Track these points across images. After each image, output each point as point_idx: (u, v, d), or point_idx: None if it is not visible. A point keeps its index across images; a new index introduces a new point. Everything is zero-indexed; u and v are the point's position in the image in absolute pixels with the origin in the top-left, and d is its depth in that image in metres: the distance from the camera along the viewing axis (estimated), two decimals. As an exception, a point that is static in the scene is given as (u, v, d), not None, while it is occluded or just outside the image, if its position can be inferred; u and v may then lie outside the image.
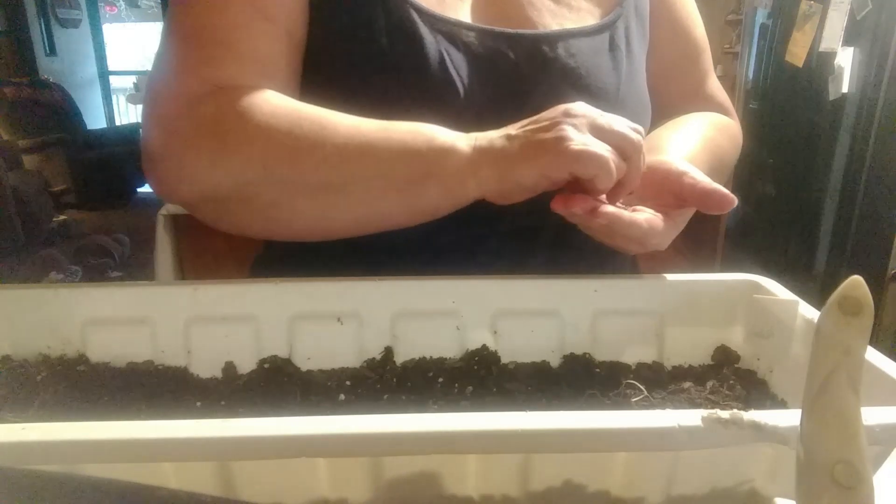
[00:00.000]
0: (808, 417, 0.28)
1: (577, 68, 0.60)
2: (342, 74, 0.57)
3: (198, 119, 0.52)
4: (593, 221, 0.48)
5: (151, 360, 0.53)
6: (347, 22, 0.56)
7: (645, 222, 0.50)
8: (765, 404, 0.50)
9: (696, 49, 0.74)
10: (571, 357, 0.55)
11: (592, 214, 0.48)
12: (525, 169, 0.48)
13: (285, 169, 0.50)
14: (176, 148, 0.53)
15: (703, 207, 0.51)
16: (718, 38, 3.74)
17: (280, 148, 0.50)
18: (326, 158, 0.50)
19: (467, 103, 0.57)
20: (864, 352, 0.27)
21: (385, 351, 0.54)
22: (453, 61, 0.57)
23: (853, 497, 0.26)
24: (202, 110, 0.52)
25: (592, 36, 0.62)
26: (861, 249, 1.96)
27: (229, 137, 0.51)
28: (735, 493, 0.38)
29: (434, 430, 0.32)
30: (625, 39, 0.65)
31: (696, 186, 0.51)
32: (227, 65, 0.53)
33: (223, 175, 0.51)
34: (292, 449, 0.32)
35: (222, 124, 0.51)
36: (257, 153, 0.50)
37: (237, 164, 0.51)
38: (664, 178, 0.53)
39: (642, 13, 0.68)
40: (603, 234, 0.53)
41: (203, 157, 0.51)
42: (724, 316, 0.56)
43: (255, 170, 0.51)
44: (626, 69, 0.64)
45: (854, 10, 1.91)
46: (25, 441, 0.31)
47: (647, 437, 0.33)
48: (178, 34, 0.55)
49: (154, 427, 0.32)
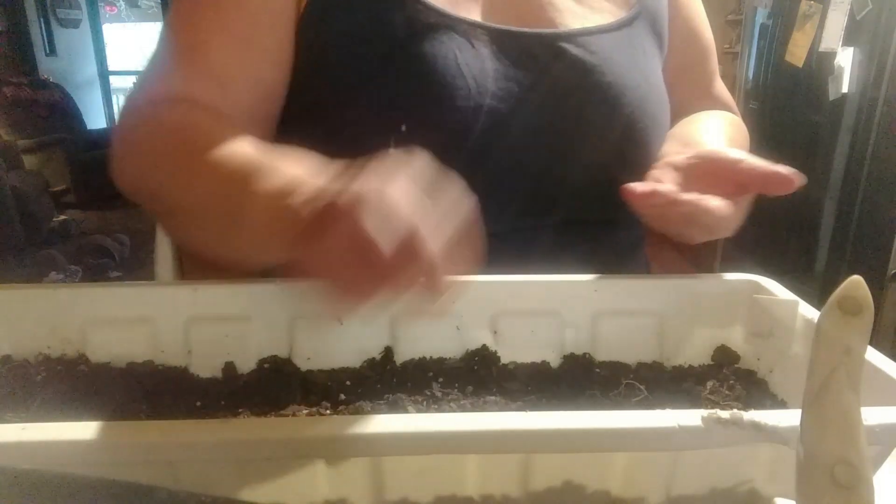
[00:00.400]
0: (808, 417, 0.28)
1: (599, 65, 0.60)
2: (353, 76, 0.57)
3: (134, 122, 0.56)
4: (673, 211, 0.48)
5: (151, 360, 0.53)
6: (359, 23, 0.56)
7: (717, 209, 0.49)
8: (765, 404, 0.49)
9: (706, 50, 0.76)
10: (571, 357, 0.55)
11: (673, 204, 0.48)
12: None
13: (153, 184, 0.53)
14: (115, 144, 0.56)
15: (767, 190, 0.50)
16: (718, 38, 3.72)
17: (155, 166, 0.53)
18: (177, 184, 0.51)
19: (479, 101, 0.57)
20: (864, 352, 0.27)
21: (385, 351, 0.54)
22: (466, 60, 0.57)
23: (853, 497, 0.26)
24: (141, 114, 0.55)
25: (612, 33, 0.63)
26: (861, 249, 1.96)
27: (134, 147, 0.54)
28: (735, 493, 0.38)
29: (434, 430, 0.32)
30: (644, 37, 0.65)
31: (755, 170, 0.50)
32: (191, 78, 0.56)
33: (127, 180, 0.54)
34: (292, 449, 0.32)
35: (138, 133, 0.55)
36: (145, 167, 0.53)
37: (134, 172, 0.54)
38: (720, 167, 0.52)
39: (661, 14, 0.68)
40: (678, 224, 0.52)
41: (119, 158, 0.55)
42: (724, 316, 0.56)
43: (143, 181, 0.54)
44: (645, 66, 0.64)
45: (854, 10, 1.91)
46: (25, 441, 0.31)
47: (647, 437, 0.33)
48: (164, 39, 0.59)
49: (154, 427, 0.31)
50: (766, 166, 0.50)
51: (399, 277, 0.36)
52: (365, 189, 0.37)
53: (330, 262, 0.37)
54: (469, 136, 0.56)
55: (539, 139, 0.58)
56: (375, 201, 0.36)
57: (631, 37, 0.64)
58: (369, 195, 0.36)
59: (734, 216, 0.51)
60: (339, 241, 0.36)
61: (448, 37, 0.57)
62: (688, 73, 0.74)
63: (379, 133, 0.55)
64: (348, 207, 0.36)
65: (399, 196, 0.37)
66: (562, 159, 0.59)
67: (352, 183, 0.38)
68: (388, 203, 0.36)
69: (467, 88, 0.56)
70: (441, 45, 0.56)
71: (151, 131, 0.53)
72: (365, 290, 0.36)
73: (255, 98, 0.58)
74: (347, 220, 0.35)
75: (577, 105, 0.59)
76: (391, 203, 0.36)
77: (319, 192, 0.39)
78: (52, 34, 5.20)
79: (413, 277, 0.36)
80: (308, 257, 0.38)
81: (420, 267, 0.36)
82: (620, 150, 0.61)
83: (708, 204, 0.49)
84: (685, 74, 0.73)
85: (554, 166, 0.59)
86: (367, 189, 0.37)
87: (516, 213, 0.59)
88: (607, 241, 0.65)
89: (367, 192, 0.36)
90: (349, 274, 0.36)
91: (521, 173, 0.58)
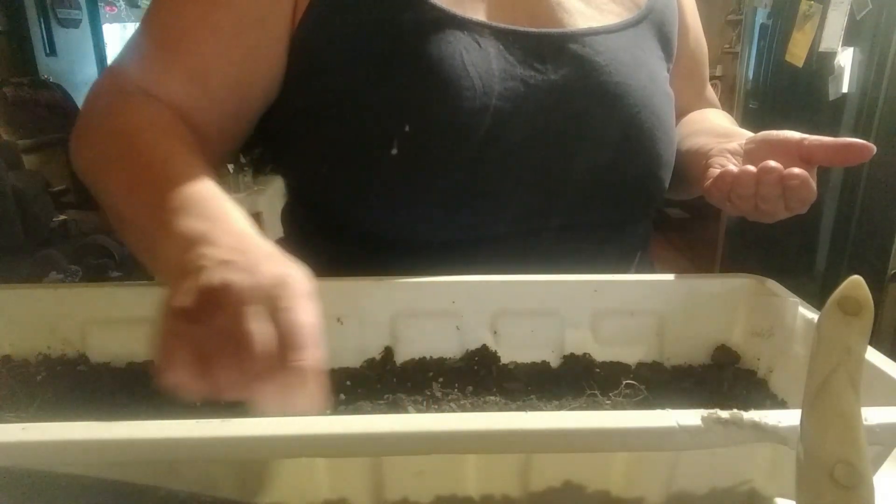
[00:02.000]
0: (808, 417, 0.28)
1: (605, 65, 0.60)
2: (358, 77, 0.56)
3: (100, 105, 0.55)
4: (787, 183, 0.50)
5: (151, 360, 0.53)
6: (364, 23, 0.56)
7: (813, 182, 0.51)
8: (765, 404, 0.49)
9: (703, 58, 0.78)
10: (571, 357, 0.55)
11: (787, 177, 0.50)
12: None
13: (92, 175, 0.53)
14: (77, 121, 0.56)
15: (842, 161, 0.52)
16: (718, 38, 3.74)
17: (92, 162, 0.53)
18: (111, 187, 0.50)
19: (485, 101, 0.57)
20: (864, 352, 0.27)
21: (385, 351, 0.54)
22: (472, 60, 0.56)
23: (853, 497, 0.26)
24: (108, 100, 0.55)
25: (618, 33, 0.63)
26: (861, 249, 1.96)
27: (90, 133, 0.54)
28: (735, 492, 0.38)
29: (434, 430, 0.32)
30: (650, 39, 0.65)
31: (825, 144, 0.52)
32: (169, 70, 0.56)
33: (77, 160, 0.55)
34: (292, 449, 0.32)
35: (98, 119, 0.54)
36: (92, 157, 0.53)
37: (85, 155, 0.54)
38: (783, 147, 0.54)
39: (669, 19, 0.68)
40: (772, 201, 0.52)
41: (76, 137, 0.55)
42: (724, 316, 0.56)
43: (88, 168, 0.53)
44: (651, 67, 0.64)
45: (854, 10, 1.91)
46: (25, 441, 0.31)
47: (647, 437, 0.33)
48: (147, 26, 0.58)
49: (154, 427, 0.32)
50: (837, 139, 0.52)
51: (262, 377, 0.34)
52: (259, 282, 0.35)
53: (196, 342, 0.34)
54: (474, 136, 0.56)
55: (544, 139, 0.58)
56: (264, 297, 0.35)
57: (637, 38, 0.64)
58: (261, 289, 0.35)
59: (815, 191, 0.53)
60: (214, 324, 0.34)
61: (454, 37, 0.57)
62: (689, 78, 0.76)
63: (384, 133, 0.55)
64: (236, 296, 0.34)
65: (290, 299, 0.35)
66: (567, 159, 0.59)
67: (251, 272, 0.36)
68: (275, 301, 0.35)
69: (473, 88, 0.56)
70: (447, 44, 0.56)
71: (109, 126, 0.53)
72: (221, 380, 0.34)
73: (233, 96, 0.57)
74: (230, 308, 0.34)
75: (583, 105, 0.59)
76: (279, 301, 0.35)
77: (214, 267, 0.37)
78: (52, 34, 5.19)
79: (278, 379, 0.34)
80: (174, 329, 0.35)
81: (292, 371, 0.34)
82: (626, 150, 0.61)
83: (810, 179, 0.51)
84: (687, 78, 0.75)
85: (559, 166, 0.59)
86: (260, 282, 0.35)
87: (520, 214, 0.59)
88: (612, 242, 0.65)
89: (260, 286, 0.35)
90: (211, 360, 0.34)
91: (526, 173, 0.58)
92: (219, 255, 0.38)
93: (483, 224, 0.59)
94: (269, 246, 0.40)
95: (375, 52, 0.56)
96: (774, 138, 0.55)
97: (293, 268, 0.37)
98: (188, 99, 0.55)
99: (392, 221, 0.58)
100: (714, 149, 0.60)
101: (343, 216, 0.61)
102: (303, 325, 0.34)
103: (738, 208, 0.55)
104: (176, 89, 0.55)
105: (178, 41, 0.56)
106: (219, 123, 0.58)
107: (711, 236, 3.07)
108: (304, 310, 0.35)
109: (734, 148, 0.58)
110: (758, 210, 0.53)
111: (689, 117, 0.75)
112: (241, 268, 0.36)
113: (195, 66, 0.56)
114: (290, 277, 0.36)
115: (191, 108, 0.56)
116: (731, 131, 0.64)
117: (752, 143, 0.57)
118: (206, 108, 0.56)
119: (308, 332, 0.34)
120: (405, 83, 0.56)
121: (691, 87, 0.77)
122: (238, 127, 0.61)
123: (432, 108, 0.55)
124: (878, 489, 0.28)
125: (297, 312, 0.35)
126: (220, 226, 0.41)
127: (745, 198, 0.53)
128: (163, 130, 0.52)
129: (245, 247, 0.39)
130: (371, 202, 0.58)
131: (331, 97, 0.57)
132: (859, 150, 0.51)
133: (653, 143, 0.62)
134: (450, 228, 0.59)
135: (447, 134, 0.55)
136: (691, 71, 0.76)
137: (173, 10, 0.57)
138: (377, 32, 0.56)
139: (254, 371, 0.33)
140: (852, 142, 0.51)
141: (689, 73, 0.75)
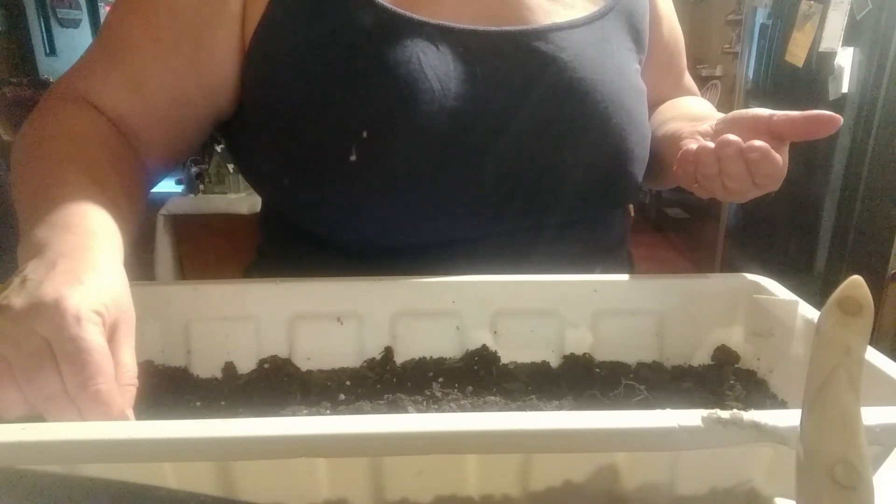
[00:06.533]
0: (808, 417, 0.28)
1: (570, 61, 0.59)
2: (316, 84, 0.56)
3: (42, 107, 0.56)
4: (739, 162, 0.50)
5: (151, 360, 0.53)
6: (321, 31, 0.55)
7: (779, 157, 0.50)
8: (765, 404, 0.50)
9: (679, 46, 0.77)
10: (571, 357, 0.55)
11: (747, 150, 0.49)
12: None
13: (12, 168, 0.52)
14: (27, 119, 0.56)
15: (810, 134, 0.51)
16: (718, 38, 3.74)
17: (13, 165, 0.52)
18: (18, 185, 0.50)
19: (443, 104, 0.56)
20: (864, 352, 0.27)
21: (385, 351, 0.54)
22: (430, 63, 0.56)
23: (853, 497, 0.26)
24: (48, 105, 0.55)
25: (583, 27, 0.62)
26: (861, 249, 1.96)
27: (25, 132, 0.54)
28: (735, 493, 0.38)
29: (434, 430, 0.32)
30: (618, 32, 0.65)
31: (792, 118, 0.51)
32: (108, 78, 0.56)
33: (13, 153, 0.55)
34: (292, 449, 0.32)
35: (34, 121, 0.55)
36: (16, 152, 0.53)
37: (11, 163, 0.54)
38: (752, 125, 0.53)
39: (638, 10, 0.68)
40: (739, 178, 0.52)
41: (20, 133, 0.55)
42: (724, 316, 0.56)
43: (13, 162, 0.53)
44: (619, 60, 0.63)
45: (854, 10, 1.91)
46: (25, 441, 0.31)
47: (647, 437, 0.33)
48: (98, 35, 0.59)
49: (154, 427, 0.31)
50: (804, 112, 0.51)
51: (56, 401, 0.34)
52: (31, 304, 0.36)
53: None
54: (434, 139, 0.55)
55: (507, 139, 0.57)
56: (37, 322, 0.35)
57: (603, 31, 0.63)
58: (64, 314, 0.35)
59: (784, 166, 0.52)
60: (11, 341, 0.35)
61: (411, 40, 0.56)
62: (666, 68, 0.76)
63: (342, 140, 0.54)
64: (11, 319, 0.35)
65: (64, 325, 0.35)
66: (533, 158, 0.58)
67: (31, 295, 0.36)
68: (48, 326, 0.35)
69: (432, 91, 0.55)
70: (404, 48, 0.55)
71: (38, 130, 0.53)
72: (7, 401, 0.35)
73: (172, 105, 0.57)
74: (25, 327, 0.35)
75: (547, 103, 0.58)
76: (74, 328, 0.35)
77: (28, 287, 0.37)
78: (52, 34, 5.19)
79: (70, 403, 0.35)
80: None
81: (84, 395, 0.34)
82: (594, 147, 0.60)
83: (773, 152, 0.50)
84: (664, 69, 0.75)
85: (524, 166, 0.58)
86: (64, 307, 0.35)
87: (489, 215, 0.59)
88: (583, 241, 0.65)
89: (63, 311, 0.35)
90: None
91: (490, 174, 0.57)
92: (27, 271, 0.38)
93: (449, 227, 0.58)
94: (96, 261, 0.40)
95: (331, 59, 0.55)
96: (744, 116, 0.54)
97: (79, 288, 0.37)
98: (124, 105, 0.56)
99: (354, 228, 0.58)
100: (685, 131, 0.59)
101: (310, 224, 0.61)
102: (88, 350, 0.35)
103: (707, 189, 0.54)
104: (112, 95, 0.56)
105: (117, 49, 0.57)
106: (160, 130, 0.58)
107: (711, 236, 3.07)
108: (84, 334, 0.35)
109: (705, 129, 0.57)
110: (726, 189, 0.53)
111: (664, 105, 0.75)
112: (26, 290, 0.37)
113: (133, 73, 0.56)
114: (65, 301, 0.36)
115: (127, 113, 0.56)
116: (706, 115, 0.63)
117: (723, 123, 0.56)
118: (144, 114, 0.57)
119: (93, 357, 0.35)
120: (362, 89, 0.55)
121: (668, 77, 0.76)
122: (183, 135, 0.60)
123: (390, 112, 0.54)
124: (878, 489, 0.28)
125: (79, 337, 0.35)
126: (59, 237, 0.41)
127: (710, 177, 0.52)
128: (75, 141, 0.52)
129: (63, 263, 0.39)
130: (333, 210, 0.57)
131: (287, 108, 0.56)
132: (826, 121, 0.50)
133: (622, 138, 0.61)
134: (416, 232, 0.58)
135: (406, 138, 0.55)
136: (667, 61, 0.75)
137: (119, 18, 0.57)
138: (333, 39, 0.55)
139: (41, 394, 0.34)
140: (819, 113, 0.50)
141: (664, 63, 0.75)
